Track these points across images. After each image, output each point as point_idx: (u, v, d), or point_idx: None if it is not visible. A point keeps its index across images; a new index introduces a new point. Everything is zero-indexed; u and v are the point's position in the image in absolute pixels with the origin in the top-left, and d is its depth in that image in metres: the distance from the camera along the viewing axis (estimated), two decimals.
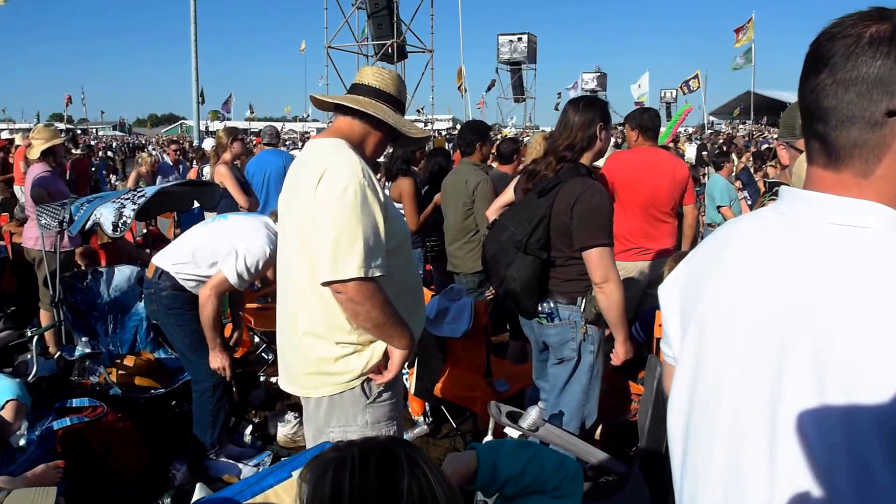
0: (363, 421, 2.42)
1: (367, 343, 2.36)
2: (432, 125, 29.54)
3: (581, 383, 3.27)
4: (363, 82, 2.50)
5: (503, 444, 1.85)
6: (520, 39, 45.24)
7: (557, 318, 3.18)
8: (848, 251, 0.99)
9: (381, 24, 23.76)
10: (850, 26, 1.01)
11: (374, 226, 2.22)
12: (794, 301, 1.01)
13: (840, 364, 0.93)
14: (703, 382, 1.16)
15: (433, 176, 6.14)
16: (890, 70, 0.97)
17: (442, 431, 4.54)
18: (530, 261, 3.09)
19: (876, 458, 0.91)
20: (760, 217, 1.18)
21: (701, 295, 1.19)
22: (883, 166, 1.01)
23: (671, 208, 4.78)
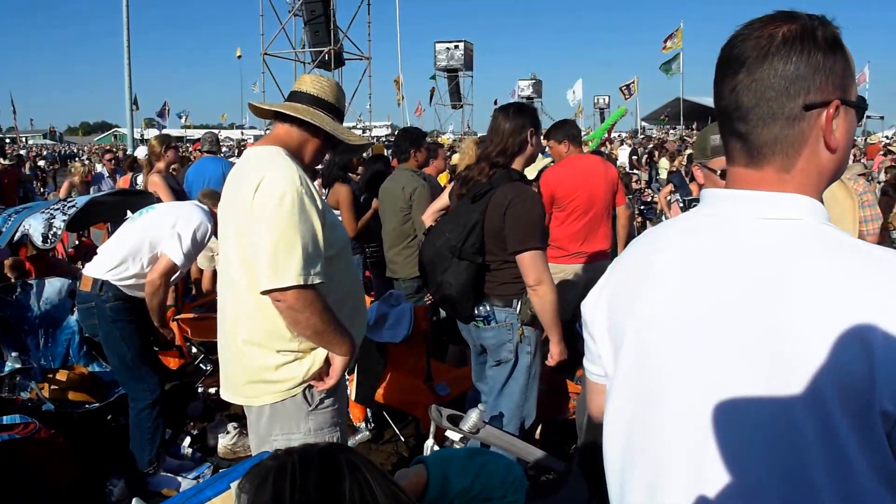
0: (306, 428, 2.42)
1: (308, 350, 2.36)
2: (370, 132, 29.47)
3: (519, 384, 3.32)
4: (301, 90, 2.50)
5: (452, 457, 1.83)
6: (456, 47, 45.58)
7: (494, 321, 3.23)
8: (784, 243, 1.02)
9: (318, 31, 23.66)
10: (760, 28, 1.05)
11: (313, 233, 2.23)
12: (739, 298, 1.02)
13: (793, 354, 0.95)
14: (648, 389, 1.13)
15: (371, 182, 6.15)
16: (805, 66, 1.02)
17: (384, 437, 4.54)
18: (465, 265, 3.14)
19: (849, 444, 0.93)
20: (686, 221, 1.19)
21: (634, 306, 1.17)
22: (802, 160, 1.06)
23: (607, 211, 4.90)
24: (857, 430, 0.93)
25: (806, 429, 0.94)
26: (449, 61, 45.65)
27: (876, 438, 0.93)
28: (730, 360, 1.02)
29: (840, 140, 1.06)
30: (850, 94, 1.06)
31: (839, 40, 1.04)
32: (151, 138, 7.26)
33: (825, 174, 1.08)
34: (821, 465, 0.94)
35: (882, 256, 0.98)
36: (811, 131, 1.04)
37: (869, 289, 0.94)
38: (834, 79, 1.03)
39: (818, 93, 1.03)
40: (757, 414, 0.98)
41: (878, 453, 0.93)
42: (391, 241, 5.30)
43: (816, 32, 1.03)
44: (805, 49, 1.02)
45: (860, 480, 0.93)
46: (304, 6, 23.59)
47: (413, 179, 5.19)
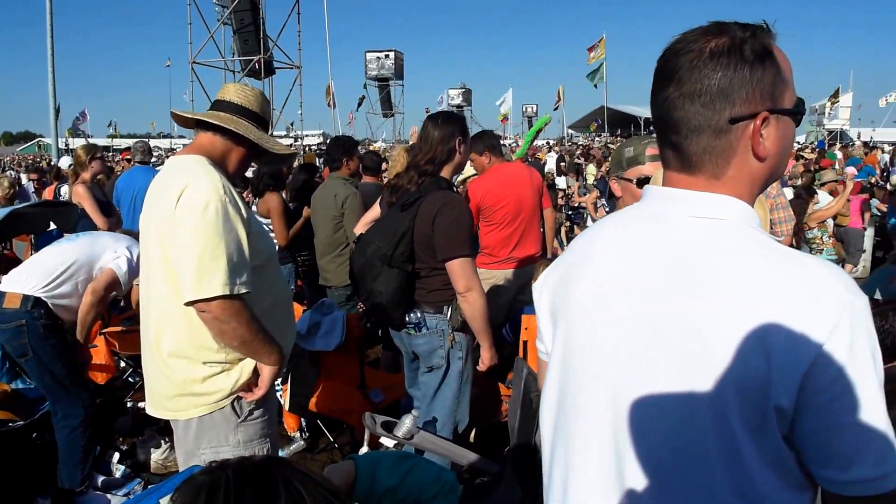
0: (235, 440, 2.38)
1: (236, 361, 2.33)
2: (302, 140, 29.16)
3: (452, 389, 3.35)
4: (225, 99, 2.48)
5: (382, 457, 1.85)
6: (387, 56, 45.57)
7: (425, 328, 3.25)
8: (707, 240, 1.07)
9: (248, 40, 23.33)
10: (692, 41, 1.08)
11: (238, 242, 2.20)
12: (659, 289, 1.08)
13: (703, 345, 1.01)
14: (572, 375, 1.20)
15: (300, 191, 6.12)
16: (730, 81, 1.05)
17: (319, 446, 4.51)
18: (395, 273, 3.16)
19: (739, 429, 0.99)
20: (626, 214, 1.23)
21: (569, 291, 1.23)
22: (732, 168, 1.09)
23: (535, 215, 4.98)
24: (751, 423, 0.99)
25: (706, 419, 1.01)
26: (380, 70, 45.62)
27: (769, 430, 0.99)
28: (647, 349, 1.07)
29: (771, 148, 1.09)
30: (783, 102, 1.09)
31: (769, 50, 1.07)
32: (77, 148, 7.03)
33: (757, 180, 1.12)
34: (717, 454, 1.01)
35: (801, 260, 1.03)
36: (739, 142, 1.08)
37: (779, 291, 0.99)
38: (762, 90, 1.06)
39: (744, 106, 1.06)
40: (666, 404, 1.04)
41: (770, 444, 1.00)
42: (323, 250, 5.29)
43: (744, 46, 1.05)
44: (731, 63, 1.05)
45: (752, 468, 1.00)
46: (233, 15, 23.24)
47: (345, 188, 5.20)
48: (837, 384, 0.96)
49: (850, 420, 0.97)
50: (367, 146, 30.76)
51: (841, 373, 0.95)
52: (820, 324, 0.96)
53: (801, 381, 0.96)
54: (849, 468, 0.98)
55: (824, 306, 0.97)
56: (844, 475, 0.98)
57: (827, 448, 0.99)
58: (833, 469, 0.99)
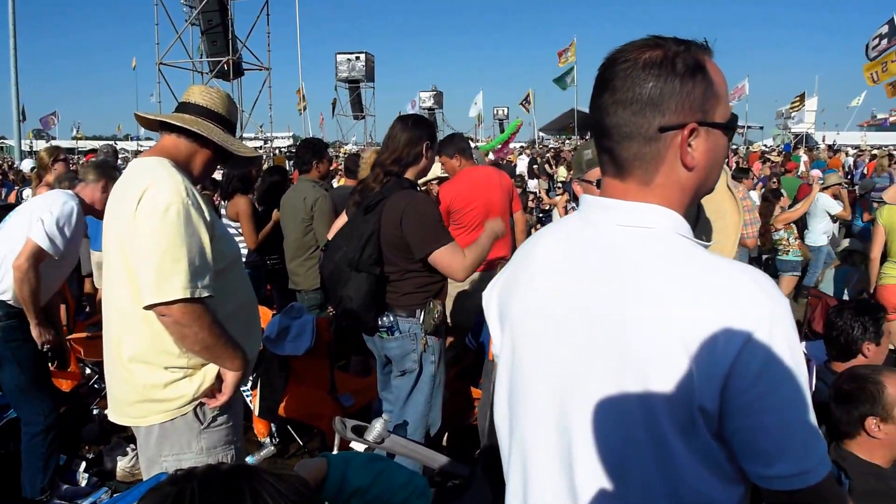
0: (198, 447, 2.35)
1: (199, 366, 2.30)
2: (271, 143, 28.97)
3: (424, 393, 3.35)
4: (190, 101, 2.46)
5: (354, 457, 1.85)
6: (358, 58, 45.39)
7: (398, 332, 3.25)
8: (633, 249, 1.11)
9: (216, 41, 23.12)
10: (628, 52, 1.12)
11: (200, 245, 2.18)
12: (590, 296, 1.12)
13: (632, 350, 1.05)
14: (519, 378, 1.25)
15: (269, 194, 6.08)
16: (660, 91, 1.09)
17: (289, 451, 4.49)
18: (364, 278, 3.15)
19: (669, 430, 1.04)
20: (565, 222, 1.28)
21: (512, 297, 1.29)
22: (661, 175, 1.13)
23: (504, 218, 4.98)
24: (679, 423, 1.04)
25: (638, 422, 1.06)
26: (350, 72, 45.43)
27: (698, 430, 1.04)
28: (582, 355, 1.12)
29: (699, 159, 1.13)
30: (713, 116, 1.12)
31: (702, 65, 1.11)
32: (40, 150, 6.90)
33: (687, 190, 1.15)
34: (651, 454, 1.06)
35: (723, 267, 1.07)
36: (668, 151, 1.12)
37: (700, 298, 1.03)
38: (692, 102, 1.10)
39: (673, 116, 1.10)
40: (603, 408, 1.09)
41: (699, 442, 1.04)
42: (292, 253, 5.25)
43: (676, 59, 1.09)
44: (662, 75, 1.09)
45: (683, 466, 1.05)
46: (201, 16, 23.01)
47: (314, 190, 5.17)
48: (757, 387, 1.00)
49: (771, 420, 1.01)
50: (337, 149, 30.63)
51: (760, 376, 1.00)
52: (739, 330, 1.00)
53: (723, 385, 1.01)
54: (772, 464, 1.03)
55: (743, 313, 1.01)
56: (769, 471, 1.03)
57: (752, 445, 1.03)
58: (758, 465, 1.04)
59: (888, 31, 22.76)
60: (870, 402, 2.33)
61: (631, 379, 1.05)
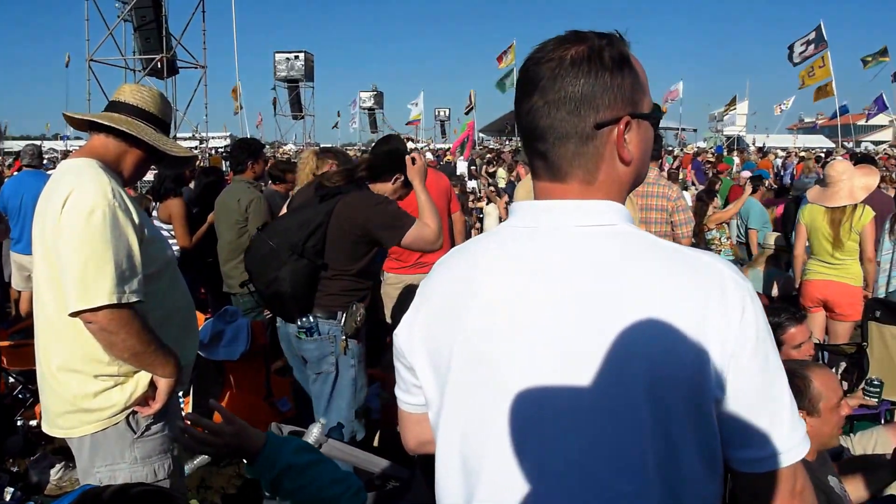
0: (131, 457, 2.27)
1: (130, 374, 2.23)
2: (207, 143, 28.41)
3: (345, 398, 3.31)
4: (120, 100, 2.39)
5: (296, 441, 1.88)
6: (297, 57, 44.86)
7: (317, 333, 3.21)
8: (605, 249, 1.06)
9: (149, 38, 22.49)
10: (552, 50, 1.08)
11: (128, 249, 2.12)
12: (564, 302, 1.04)
13: (638, 355, 0.99)
14: (481, 404, 1.10)
15: (203, 195, 5.95)
16: (592, 87, 1.06)
17: (225, 458, 4.39)
18: (305, 265, 3.12)
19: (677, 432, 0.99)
20: (500, 233, 1.18)
21: (459, 323, 1.14)
22: (602, 173, 1.10)
23: (443, 220, 4.98)
24: (692, 420, 1.00)
25: (645, 427, 0.99)
26: (289, 72, 44.86)
27: (710, 424, 1.01)
28: (566, 372, 1.03)
29: (634, 152, 1.11)
30: (642, 107, 1.11)
31: (626, 57, 1.09)
32: None
33: (625, 184, 1.13)
34: (654, 459, 1.00)
35: (695, 256, 1.07)
36: (605, 147, 1.09)
37: (692, 287, 1.01)
38: (623, 95, 1.08)
39: (607, 111, 1.07)
40: (603, 417, 1.02)
41: (707, 439, 1.02)
42: (227, 255, 5.16)
43: (603, 53, 1.07)
44: (592, 70, 1.06)
45: (685, 463, 1.01)
46: (133, 11, 22.33)
47: (249, 191, 5.11)
48: (753, 365, 1.00)
49: (766, 398, 1.02)
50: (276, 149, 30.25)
51: (754, 354, 1.00)
52: (731, 311, 1.00)
53: (727, 370, 1.00)
54: (766, 445, 1.02)
55: (730, 294, 1.01)
56: (762, 452, 1.02)
57: (748, 429, 1.02)
58: (752, 448, 1.02)
59: (815, 37, 23.69)
60: (797, 395, 2.40)
61: (636, 387, 0.99)
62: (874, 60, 27.57)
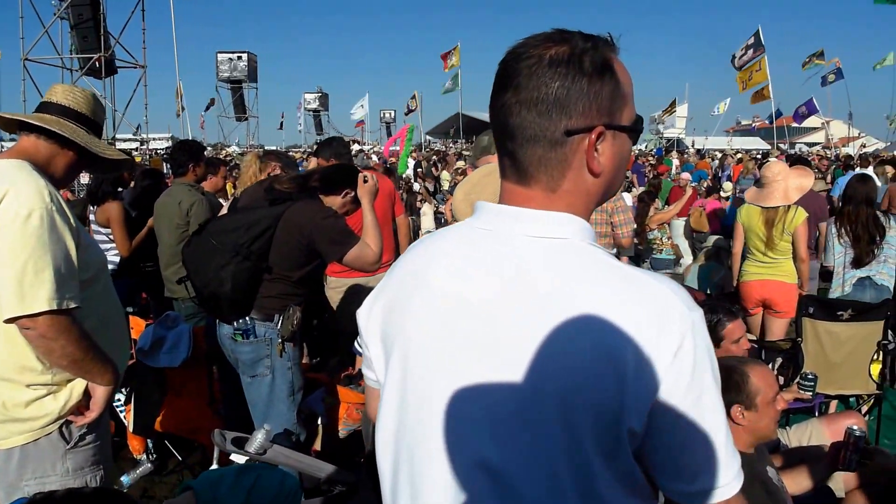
0: (63, 469, 2.21)
1: (64, 382, 2.17)
2: (147, 144, 27.76)
3: (284, 402, 3.29)
4: (52, 100, 2.33)
5: (221, 478, 1.81)
6: (240, 58, 44.19)
7: (253, 336, 3.18)
8: (548, 262, 1.03)
9: (87, 37, 21.83)
10: (532, 47, 1.04)
11: (66, 254, 2.06)
12: (504, 312, 1.04)
13: (554, 373, 0.99)
14: (413, 398, 1.13)
15: (142, 198, 5.81)
16: (567, 91, 1.01)
17: (168, 467, 4.31)
18: (248, 266, 3.07)
19: (592, 452, 0.98)
20: (458, 232, 1.17)
21: (404, 314, 1.16)
22: (567, 181, 1.06)
23: (386, 223, 4.97)
24: (604, 445, 0.99)
25: (558, 444, 0.99)
26: (232, 72, 44.16)
27: (622, 451, 1.00)
28: (492, 373, 1.03)
29: (606, 164, 1.07)
30: (620, 119, 1.06)
31: (609, 64, 1.04)
32: None
33: (593, 195, 1.10)
34: (569, 476, 0.99)
35: (642, 279, 1.02)
36: (574, 155, 1.05)
37: (629, 314, 0.98)
38: (599, 104, 1.03)
39: (580, 119, 1.03)
40: (514, 428, 1.02)
41: (622, 463, 1.01)
42: (168, 260, 5.03)
43: (584, 57, 1.02)
44: (569, 74, 1.01)
45: (602, 488, 1.00)
46: (70, 9, 21.66)
47: (190, 194, 5.00)
48: (685, 402, 0.98)
49: (697, 436, 0.99)
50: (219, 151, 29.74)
51: (688, 390, 0.97)
52: (666, 344, 0.97)
53: (653, 402, 0.97)
54: (695, 480, 1.01)
55: (669, 327, 0.97)
56: (692, 487, 1.01)
57: (676, 463, 1.01)
58: (682, 482, 1.02)
59: (754, 42, 24.43)
60: (735, 391, 2.47)
61: (552, 403, 0.99)
62: (811, 62, 28.62)
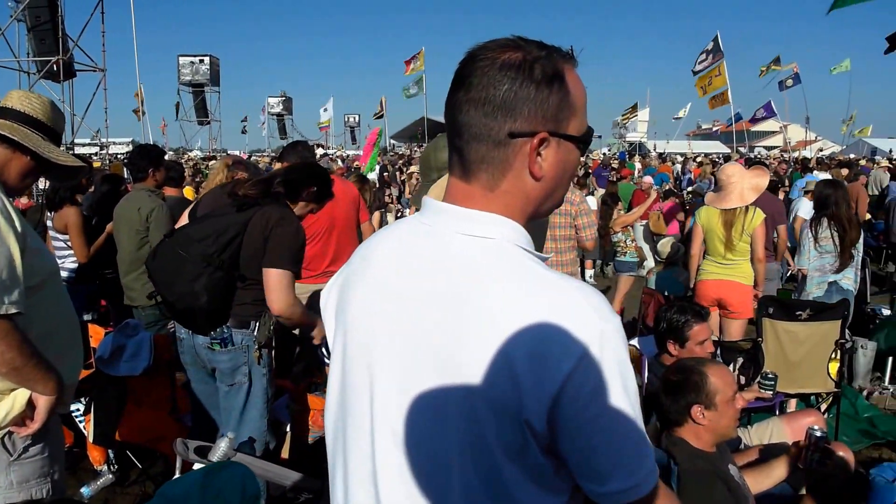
0: (7, 482, 2.16)
1: (6, 391, 2.11)
2: (108, 149, 27.32)
3: (258, 408, 3.26)
4: (7, 106, 2.30)
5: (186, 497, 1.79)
6: (202, 61, 43.81)
7: (231, 344, 3.14)
8: (469, 259, 1.07)
9: (45, 40, 21.42)
10: (490, 50, 1.08)
11: (9, 258, 2.01)
12: (423, 304, 1.09)
13: (462, 366, 1.02)
14: (349, 382, 1.20)
15: (102, 204, 5.71)
16: (514, 94, 1.05)
17: (130, 477, 4.22)
18: (221, 276, 3.03)
19: (496, 447, 1.02)
20: (404, 225, 1.23)
21: (348, 299, 1.23)
22: (507, 182, 1.10)
23: (351, 228, 4.95)
24: (509, 442, 1.01)
25: (463, 438, 1.03)
26: (194, 76, 43.74)
27: (528, 448, 1.02)
28: (411, 364, 1.09)
29: (548, 170, 1.10)
30: (566, 128, 1.09)
31: (560, 74, 1.08)
32: None
33: (532, 200, 1.13)
34: (475, 472, 1.03)
35: (556, 284, 1.04)
36: (516, 157, 1.08)
37: (540, 318, 1.00)
38: (545, 112, 1.07)
39: (525, 123, 1.06)
40: (426, 420, 1.07)
41: (529, 460, 1.03)
42: (127, 267, 4.96)
43: (535, 64, 1.06)
44: (518, 79, 1.05)
45: (510, 484, 1.03)
46: (27, 11, 21.23)
47: (150, 200, 4.92)
48: (589, 409, 0.99)
49: (603, 441, 1.01)
50: (181, 155, 29.37)
51: (593, 399, 0.99)
52: (569, 351, 0.98)
53: (551, 406, 0.99)
54: (605, 482, 1.03)
55: (575, 334, 0.99)
56: (602, 488, 1.04)
57: (586, 465, 1.03)
58: (593, 483, 1.04)
59: (713, 47, 24.86)
60: (695, 391, 2.51)
61: (456, 396, 1.03)
62: (768, 69, 29.23)
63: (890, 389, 5.76)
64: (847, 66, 30.39)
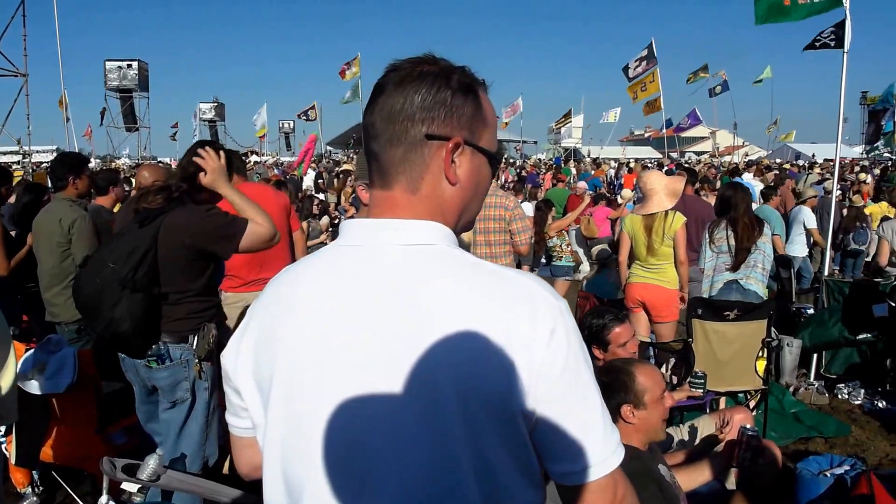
0: None
1: None
2: (30, 157, 26.34)
3: (199, 423, 3.17)
4: None
5: None
6: (129, 66, 42.54)
7: (169, 360, 3.05)
8: (421, 267, 1.08)
9: None
10: (408, 63, 1.14)
11: None
12: (379, 321, 1.06)
13: (440, 373, 1.01)
14: (299, 435, 1.10)
15: (23, 214, 5.48)
16: (432, 99, 1.11)
17: (56, 499, 4.09)
18: (140, 298, 2.90)
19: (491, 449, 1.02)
20: (326, 255, 1.18)
21: (278, 344, 1.13)
22: (426, 185, 1.13)
23: (283, 237, 4.85)
24: (505, 438, 1.03)
25: (462, 435, 1.01)
26: (121, 81, 42.42)
27: (521, 440, 1.05)
28: (379, 385, 1.04)
29: (463, 178, 1.15)
30: (480, 139, 1.16)
31: (473, 88, 1.15)
32: None
33: (449, 206, 1.15)
34: (472, 468, 1.02)
35: (511, 276, 1.09)
36: (432, 160, 1.12)
37: (501, 307, 1.04)
38: (460, 119, 1.13)
39: (441, 126, 1.12)
40: (422, 429, 1.03)
41: (521, 454, 1.05)
42: (49, 282, 4.77)
43: (452, 75, 1.13)
44: (436, 85, 1.12)
45: (503, 477, 1.04)
46: None
47: (72, 210, 4.72)
48: (561, 384, 1.04)
49: (578, 413, 1.06)
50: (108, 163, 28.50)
51: (565, 367, 1.04)
52: (541, 329, 1.03)
53: (536, 386, 1.02)
54: (578, 458, 1.05)
55: (540, 314, 1.04)
56: (576, 465, 1.06)
57: (560, 443, 1.05)
58: (566, 462, 1.06)
59: (647, 54, 25.43)
60: (623, 391, 2.56)
61: (450, 393, 1.01)
62: (696, 77, 30.09)
63: (815, 385, 5.99)
64: (769, 73, 31.55)
